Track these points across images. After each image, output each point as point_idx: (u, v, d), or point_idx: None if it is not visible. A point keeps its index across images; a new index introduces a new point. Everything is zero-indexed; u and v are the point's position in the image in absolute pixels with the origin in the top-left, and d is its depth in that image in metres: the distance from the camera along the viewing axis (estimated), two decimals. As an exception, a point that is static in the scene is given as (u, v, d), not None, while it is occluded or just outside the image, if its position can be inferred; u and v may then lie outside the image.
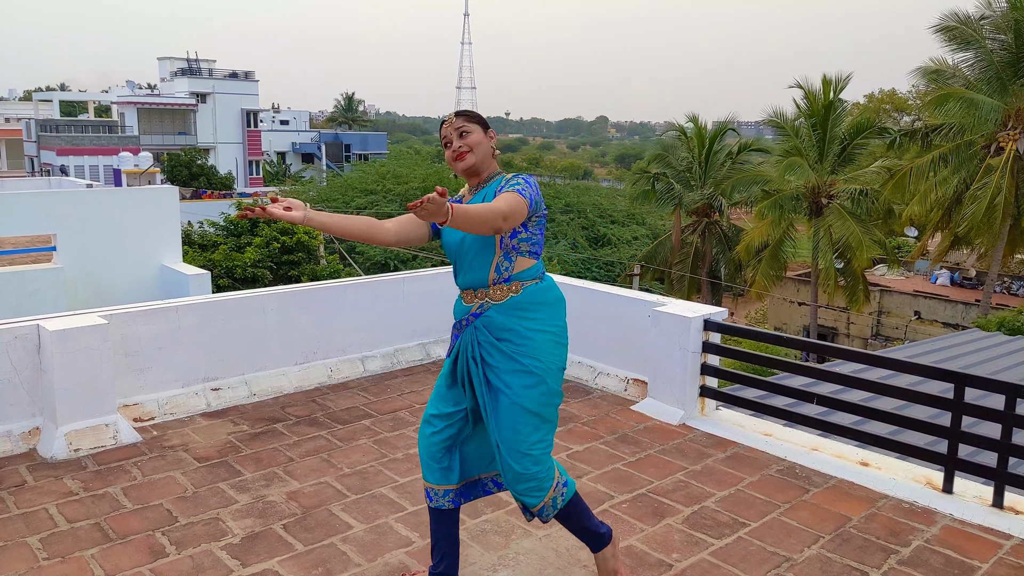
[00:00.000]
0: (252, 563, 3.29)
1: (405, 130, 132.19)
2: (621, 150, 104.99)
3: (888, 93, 49.46)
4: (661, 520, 3.72)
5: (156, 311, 4.94)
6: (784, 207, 23.59)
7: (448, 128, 2.99)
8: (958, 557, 3.45)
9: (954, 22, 21.06)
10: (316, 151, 61.90)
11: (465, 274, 3.00)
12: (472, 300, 2.97)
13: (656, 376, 5.11)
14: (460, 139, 2.96)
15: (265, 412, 5.04)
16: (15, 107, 66.22)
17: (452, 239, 3.02)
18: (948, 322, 26.84)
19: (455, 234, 3.00)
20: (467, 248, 2.96)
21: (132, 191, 12.49)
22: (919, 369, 4.16)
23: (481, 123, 3.01)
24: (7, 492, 3.88)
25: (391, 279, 6.07)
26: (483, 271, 2.94)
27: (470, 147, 2.95)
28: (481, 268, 2.94)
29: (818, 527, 3.69)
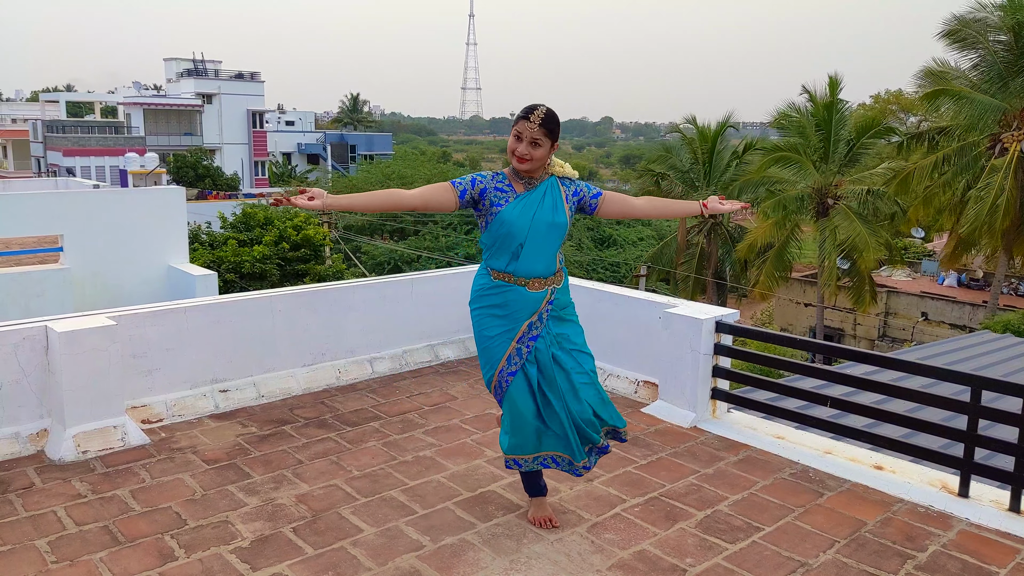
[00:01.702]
0: (262, 567, 3.26)
1: (410, 131, 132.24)
2: (626, 151, 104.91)
3: (895, 94, 49.29)
4: (674, 524, 3.68)
5: (164, 312, 4.91)
6: (788, 207, 23.51)
7: (527, 128, 3.19)
8: (975, 562, 3.41)
9: (958, 24, 20.99)
10: (322, 152, 61.97)
11: (534, 262, 3.28)
12: (542, 287, 3.32)
13: (667, 378, 5.07)
14: (529, 147, 3.21)
15: (274, 414, 5.01)
16: (22, 108, 66.42)
17: (522, 222, 3.24)
18: (955, 323, 26.73)
19: (524, 217, 3.23)
20: (537, 235, 3.25)
21: (139, 192, 12.50)
22: (935, 372, 4.11)
23: (553, 138, 3.25)
24: (15, 494, 3.86)
25: (400, 280, 6.04)
26: (552, 260, 3.32)
27: (532, 159, 3.23)
28: (550, 256, 3.31)
29: (833, 532, 3.64)
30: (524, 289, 3.28)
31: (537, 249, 3.26)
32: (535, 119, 3.17)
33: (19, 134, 55.13)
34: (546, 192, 3.30)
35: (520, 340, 3.31)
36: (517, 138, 3.20)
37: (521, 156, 3.20)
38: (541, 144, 3.19)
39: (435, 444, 4.57)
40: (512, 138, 3.22)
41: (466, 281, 6.37)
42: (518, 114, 3.23)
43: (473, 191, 3.28)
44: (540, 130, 3.17)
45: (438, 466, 4.27)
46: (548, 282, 3.31)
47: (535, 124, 3.17)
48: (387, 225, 35.68)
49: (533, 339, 3.30)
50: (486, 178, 3.32)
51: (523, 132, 3.17)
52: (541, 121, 3.17)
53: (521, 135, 3.18)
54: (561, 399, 3.33)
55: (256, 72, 56.79)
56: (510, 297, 3.30)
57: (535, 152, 3.20)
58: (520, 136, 3.19)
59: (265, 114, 57.20)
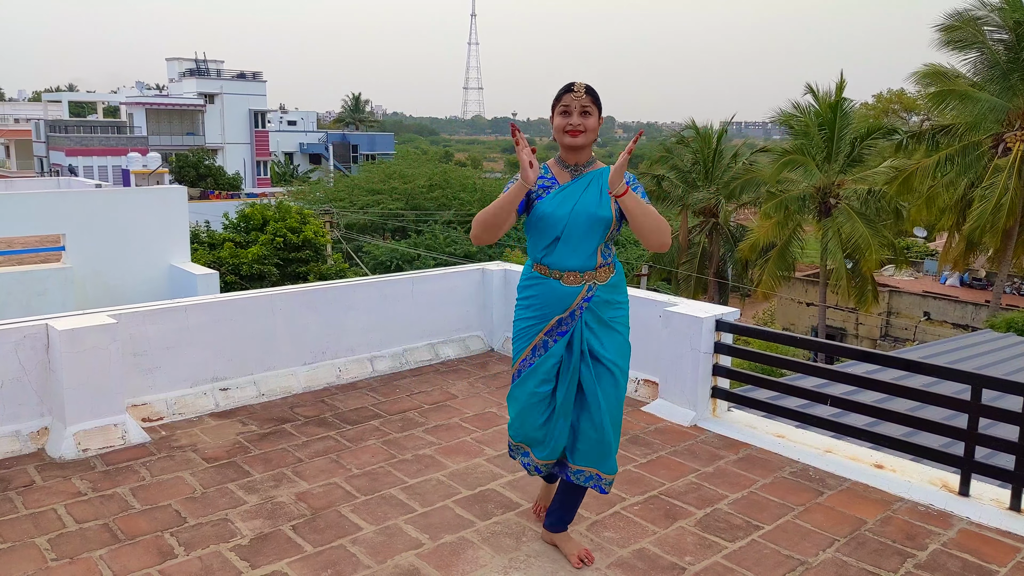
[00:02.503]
0: (261, 564, 3.27)
1: (412, 131, 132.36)
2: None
3: (897, 93, 49.22)
4: (674, 523, 3.68)
5: (165, 311, 4.92)
6: (790, 207, 23.48)
7: (574, 99, 3.08)
8: (976, 561, 3.40)
9: (956, 22, 20.92)
10: (324, 152, 61.99)
11: (570, 255, 3.13)
12: (579, 282, 3.15)
13: (667, 377, 5.06)
14: (581, 116, 3.09)
15: (274, 412, 5.01)
16: (24, 108, 66.53)
17: (560, 213, 3.10)
18: (958, 323, 26.68)
19: (562, 208, 3.10)
20: (576, 227, 3.09)
21: (141, 191, 12.51)
22: (935, 370, 4.10)
23: (600, 108, 3.14)
24: (16, 492, 3.86)
25: (400, 279, 6.04)
26: (592, 254, 3.14)
27: (586, 128, 3.10)
28: (589, 250, 3.13)
29: (833, 530, 3.64)
30: (558, 283, 3.13)
31: (574, 242, 3.11)
32: (579, 88, 3.09)
33: (22, 134, 55.22)
34: (591, 182, 3.15)
35: (548, 333, 3.18)
36: (564, 113, 3.09)
37: (574, 128, 3.08)
38: (591, 112, 3.09)
39: (435, 442, 4.57)
40: (558, 116, 3.11)
41: (465, 280, 6.40)
42: (558, 92, 3.12)
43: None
44: (587, 97, 3.08)
45: (438, 464, 4.27)
46: (586, 277, 3.13)
47: (581, 92, 3.08)
48: (389, 224, 35.70)
49: (562, 334, 3.16)
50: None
51: (570, 104, 3.08)
52: (586, 88, 3.09)
53: (569, 108, 3.08)
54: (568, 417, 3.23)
55: (258, 72, 56.83)
56: (543, 290, 3.16)
57: (587, 122, 3.09)
58: (568, 110, 3.09)
59: (267, 114, 57.24)
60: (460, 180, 38.55)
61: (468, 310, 6.36)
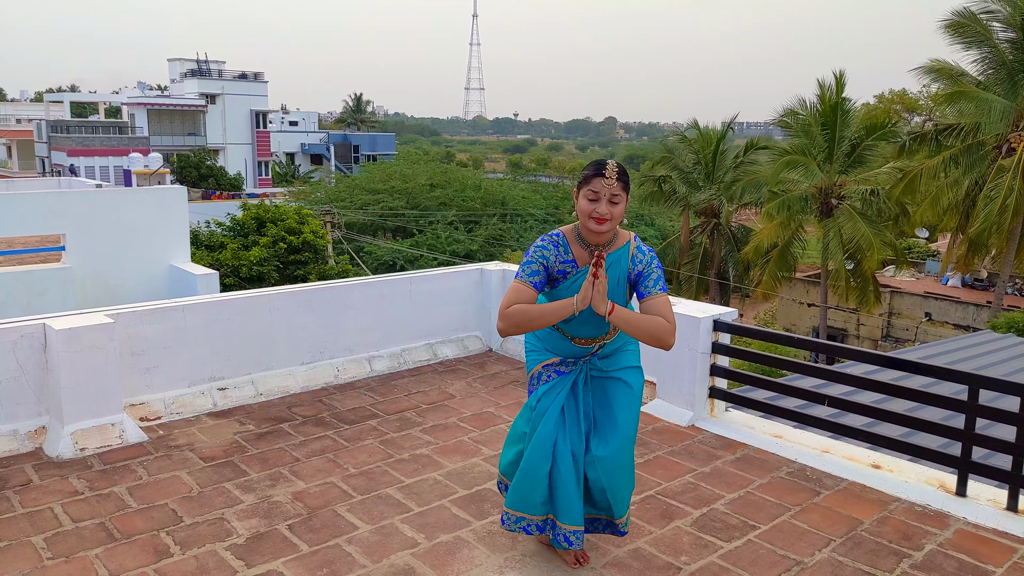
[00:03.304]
0: (257, 563, 3.27)
1: (414, 131, 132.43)
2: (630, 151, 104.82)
3: (899, 93, 49.19)
4: (670, 522, 3.67)
5: (162, 310, 4.92)
6: (792, 207, 23.45)
7: (604, 186, 2.94)
8: (972, 561, 3.40)
9: (963, 18, 20.88)
10: (325, 152, 62.01)
11: (585, 328, 3.14)
12: (591, 343, 3.18)
13: (665, 377, 5.06)
14: (609, 205, 2.95)
15: (271, 412, 5.01)
16: (26, 108, 66.61)
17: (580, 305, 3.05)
18: (959, 324, 26.65)
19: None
20: (591, 312, 3.00)
21: (140, 191, 12.52)
22: (932, 371, 4.10)
23: (629, 190, 3.01)
24: (12, 491, 3.86)
25: (398, 279, 6.04)
26: (604, 327, 3.13)
27: (613, 217, 2.98)
28: (603, 324, 3.11)
29: (829, 530, 3.64)
30: (570, 342, 3.17)
31: (590, 320, 3.08)
32: (611, 173, 2.92)
33: (24, 134, 55.27)
34: (610, 267, 3.05)
35: (547, 367, 3.21)
36: (593, 199, 2.95)
37: (601, 216, 2.94)
38: (619, 201, 2.95)
39: (432, 442, 4.57)
40: (584, 200, 2.96)
41: (463, 280, 6.40)
42: (586, 173, 2.98)
43: (545, 273, 3.07)
44: (618, 184, 2.93)
45: (435, 464, 4.27)
46: (597, 340, 3.16)
47: (612, 179, 2.92)
48: (389, 223, 35.71)
49: (560, 373, 3.18)
50: (549, 251, 3.07)
51: (600, 190, 2.93)
52: (618, 175, 2.93)
53: (598, 195, 2.93)
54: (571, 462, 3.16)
55: (260, 72, 56.86)
56: (554, 341, 3.20)
57: (615, 210, 2.95)
58: (596, 196, 2.93)
59: (269, 114, 57.25)
60: (461, 180, 38.58)
61: (466, 310, 6.36)
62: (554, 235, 3.10)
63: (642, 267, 3.05)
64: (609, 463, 3.13)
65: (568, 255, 3.07)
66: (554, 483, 3.14)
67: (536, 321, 2.96)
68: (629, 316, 2.94)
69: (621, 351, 3.27)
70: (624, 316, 2.93)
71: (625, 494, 3.23)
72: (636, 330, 2.94)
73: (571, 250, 3.08)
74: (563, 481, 3.11)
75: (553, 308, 2.95)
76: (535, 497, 3.15)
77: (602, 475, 3.13)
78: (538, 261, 3.04)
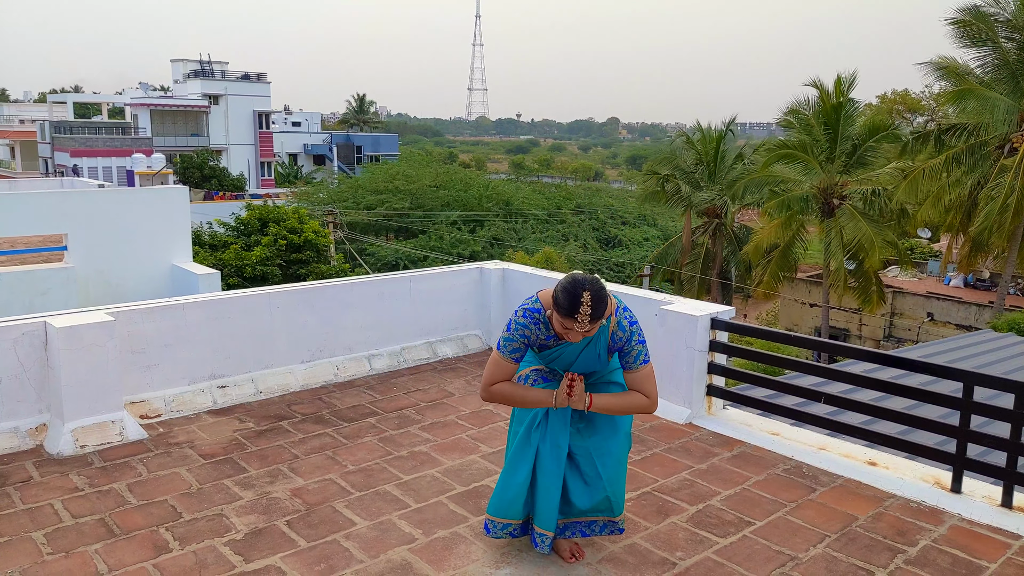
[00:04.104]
0: (255, 559, 3.29)
1: (416, 131, 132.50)
2: (632, 151, 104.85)
3: (901, 94, 49.13)
4: (666, 518, 3.70)
5: (162, 308, 4.95)
6: (792, 207, 23.45)
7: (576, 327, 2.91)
8: (966, 557, 3.41)
9: (969, 16, 20.87)
10: (328, 153, 62.08)
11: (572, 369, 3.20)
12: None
13: (662, 375, 5.05)
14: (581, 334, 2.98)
15: (271, 410, 5.04)
16: (29, 109, 66.80)
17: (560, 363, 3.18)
18: (961, 324, 26.61)
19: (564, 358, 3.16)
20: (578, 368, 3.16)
21: (143, 191, 12.55)
22: (928, 368, 4.12)
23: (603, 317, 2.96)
24: (13, 488, 3.90)
25: (398, 277, 6.07)
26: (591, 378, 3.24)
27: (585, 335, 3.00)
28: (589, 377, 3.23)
29: (824, 526, 3.65)
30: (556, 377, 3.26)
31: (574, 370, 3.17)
32: (583, 319, 2.86)
33: (27, 135, 55.39)
34: (591, 343, 3.09)
35: (534, 372, 3.26)
36: (565, 329, 2.95)
37: (574, 340, 3.02)
38: (592, 331, 2.94)
39: (431, 440, 4.59)
40: (557, 323, 2.97)
41: (463, 279, 6.42)
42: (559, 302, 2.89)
43: (526, 351, 3.17)
44: (594, 325, 2.91)
45: (433, 461, 4.30)
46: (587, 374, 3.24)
47: (584, 323, 2.88)
48: (393, 224, 35.76)
49: (547, 380, 3.22)
50: (530, 330, 3.10)
51: (571, 328, 2.92)
52: (590, 317, 2.87)
53: (571, 329, 2.94)
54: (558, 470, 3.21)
55: (262, 73, 56.97)
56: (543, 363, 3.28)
57: (589, 333, 2.95)
58: (569, 330, 2.94)
59: (271, 115, 57.33)
60: (465, 180, 38.63)
61: (466, 309, 6.39)
62: (534, 312, 3.09)
63: (622, 344, 3.10)
64: (607, 457, 3.19)
65: (549, 331, 3.12)
66: (535, 486, 3.21)
67: (515, 402, 3.18)
68: (608, 403, 3.13)
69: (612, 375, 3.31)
70: (603, 404, 3.13)
71: (621, 490, 3.28)
72: (617, 411, 3.16)
73: (552, 327, 3.09)
74: (544, 484, 3.18)
75: (533, 398, 3.14)
76: (517, 502, 3.22)
77: (600, 468, 3.18)
78: (519, 340, 3.12)
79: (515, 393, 3.15)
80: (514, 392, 3.15)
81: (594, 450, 3.20)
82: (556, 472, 3.17)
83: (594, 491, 3.21)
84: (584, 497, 3.22)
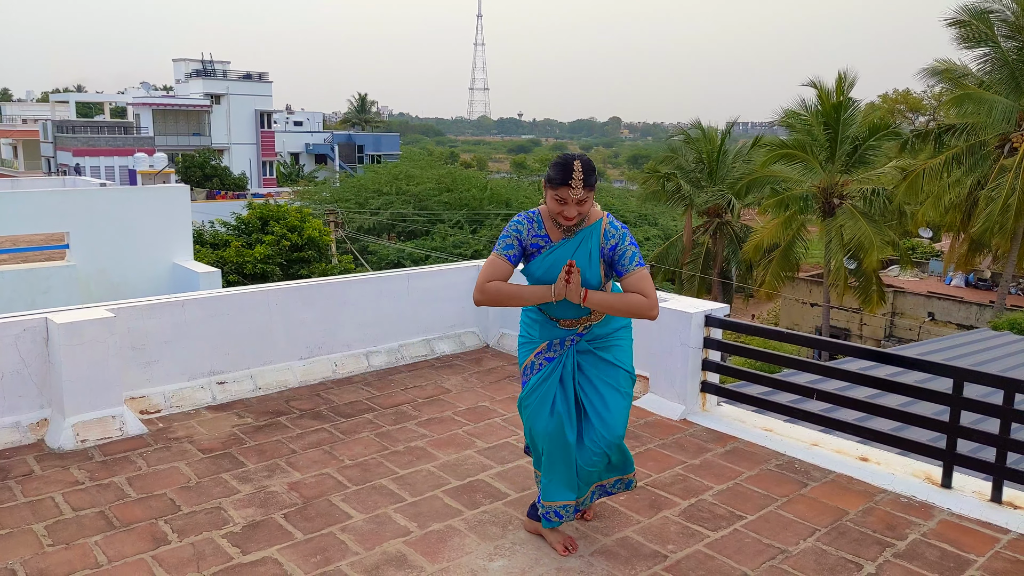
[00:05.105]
0: (252, 551, 3.34)
1: (418, 131, 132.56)
2: (634, 151, 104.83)
3: (902, 93, 49.13)
4: (658, 512, 3.74)
5: (162, 305, 5.00)
6: (791, 206, 23.47)
7: (571, 194, 3.01)
8: (954, 551, 3.46)
9: (968, 16, 20.89)
10: (329, 152, 62.16)
11: (565, 308, 3.22)
12: (574, 325, 3.26)
13: (657, 372, 5.12)
14: (577, 206, 3.05)
15: (270, 406, 5.09)
16: (32, 108, 66.93)
17: (548, 278, 3.17)
18: (962, 323, 26.63)
19: (551, 273, 3.16)
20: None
21: (144, 190, 12.61)
22: (918, 364, 4.15)
23: (596, 184, 3.09)
24: (15, 481, 3.95)
25: (396, 275, 6.12)
26: (585, 308, 3.18)
27: (581, 215, 3.09)
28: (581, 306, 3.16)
29: (815, 520, 3.70)
30: (555, 324, 3.27)
31: (568, 303, 3.16)
32: (576, 183, 2.97)
33: (29, 134, 55.51)
34: (581, 243, 3.13)
35: (538, 355, 3.32)
36: (560, 201, 3.02)
37: (568, 218, 3.06)
38: (586, 200, 3.03)
39: (427, 435, 4.64)
40: (552, 201, 3.04)
41: (462, 277, 6.47)
42: (551, 176, 3.01)
43: (520, 247, 3.20)
44: (587, 191, 3.00)
45: (429, 456, 4.34)
46: (581, 320, 3.23)
47: (578, 188, 2.98)
48: (397, 226, 35.81)
49: (550, 359, 3.28)
50: (523, 227, 3.19)
51: (566, 198, 3.01)
52: (583, 182, 2.98)
53: (565, 201, 3.02)
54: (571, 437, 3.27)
55: (264, 72, 57.04)
56: (540, 325, 3.31)
57: (582, 208, 3.04)
58: (564, 202, 3.02)
59: (273, 114, 57.41)
60: (466, 180, 38.66)
61: (463, 306, 6.43)
62: (531, 212, 3.24)
63: (615, 241, 3.11)
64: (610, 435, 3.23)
65: (541, 230, 3.20)
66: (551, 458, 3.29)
67: (511, 299, 3.13)
68: (603, 299, 3.08)
69: (612, 343, 3.32)
70: (598, 300, 3.07)
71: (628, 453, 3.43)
72: (613, 310, 3.09)
73: (544, 226, 3.20)
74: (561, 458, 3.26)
75: (530, 292, 3.13)
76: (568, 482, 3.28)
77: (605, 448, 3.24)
78: (513, 236, 3.19)
79: (509, 289, 3.12)
80: (507, 288, 3.12)
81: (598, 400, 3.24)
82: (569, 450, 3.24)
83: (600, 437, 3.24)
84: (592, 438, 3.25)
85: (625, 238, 3.12)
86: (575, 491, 3.30)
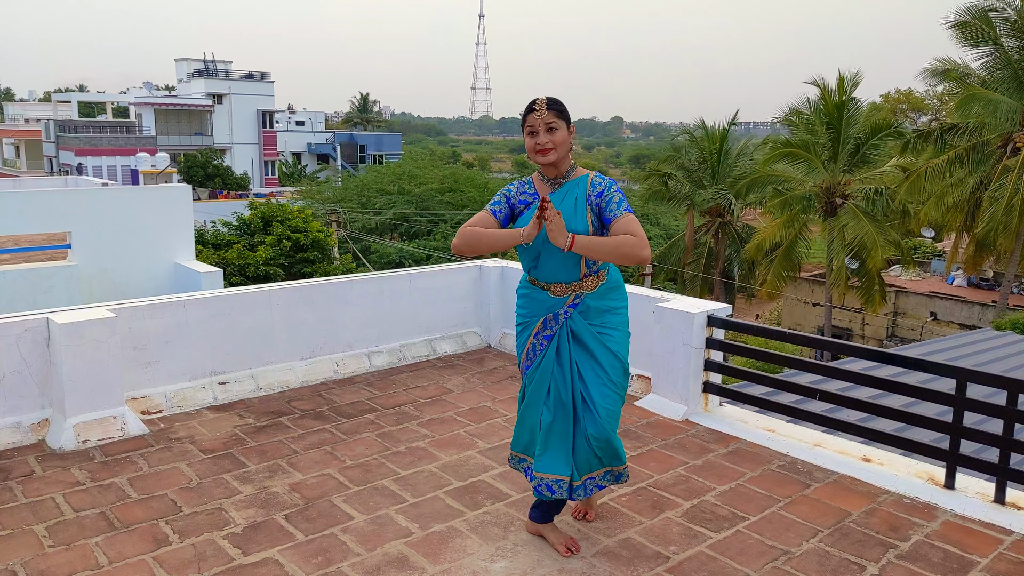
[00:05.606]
0: (253, 552, 3.34)
1: (420, 131, 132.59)
2: (636, 150, 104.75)
3: (905, 93, 49.06)
4: (660, 513, 3.73)
5: (164, 305, 5.00)
6: (794, 206, 23.44)
7: (537, 119, 3.12)
8: (957, 552, 3.44)
9: (970, 17, 20.85)
10: (331, 152, 62.19)
11: (554, 270, 3.20)
12: (566, 292, 3.23)
13: (659, 372, 5.11)
14: (547, 134, 3.12)
15: (271, 406, 5.09)
16: (34, 108, 67.03)
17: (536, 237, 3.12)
18: (965, 323, 26.58)
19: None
20: (553, 246, 3.10)
21: (146, 189, 12.61)
22: (920, 364, 4.14)
23: (567, 119, 3.16)
24: (16, 482, 3.94)
25: (397, 275, 6.11)
26: (575, 266, 3.18)
27: (555, 144, 3.13)
28: (571, 263, 3.17)
29: (817, 521, 3.68)
30: (547, 294, 3.24)
31: (556, 257, 3.16)
32: (541, 106, 3.10)
33: (32, 134, 55.61)
34: (567, 194, 3.17)
35: (536, 336, 3.30)
36: (531, 133, 3.13)
37: (542, 147, 3.11)
38: (557, 127, 3.11)
39: (429, 435, 4.63)
40: (526, 137, 3.14)
41: (464, 277, 6.46)
42: (523, 113, 3.16)
43: (508, 206, 3.27)
44: (550, 114, 3.09)
45: (430, 456, 4.33)
46: (572, 288, 3.21)
47: (543, 110, 3.09)
48: (399, 226, 35.81)
49: (547, 338, 3.26)
50: (514, 187, 3.31)
51: (535, 124, 3.11)
52: (548, 104, 3.10)
53: (535, 128, 3.11)
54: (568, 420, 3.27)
55: (266, 72, 57.08)
56: (534, 297, 3.29)
57: (555, 137, 3.10)
58: (534, 129, 3.12)
59: (275, 114, 57.48)
60: (468, 180, 38.66)
61: (465, 306, 6.43)
62: (524, 179, 3.33)
63: (601, 189, 3.14)
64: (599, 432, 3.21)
65: (530, 189, 3.29)
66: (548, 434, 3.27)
67: (486, 241, 3.16)
68: (591, 242, 3.05)
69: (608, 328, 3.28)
70: (586, 243, 3.04)
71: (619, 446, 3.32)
72: (602, 253, 3.05)
73: (534, 185, 3.29)
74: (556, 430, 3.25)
75: (503, 234, 3.18)
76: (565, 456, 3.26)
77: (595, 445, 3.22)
78: (502, 195, 3.29)
79: (484, 232, 3.17)
80: (483, 232, 3.18)
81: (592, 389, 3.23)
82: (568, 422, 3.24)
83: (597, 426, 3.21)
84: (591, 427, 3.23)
85: (612, 186, 3.15)
86: (570, 467, 3.25)
